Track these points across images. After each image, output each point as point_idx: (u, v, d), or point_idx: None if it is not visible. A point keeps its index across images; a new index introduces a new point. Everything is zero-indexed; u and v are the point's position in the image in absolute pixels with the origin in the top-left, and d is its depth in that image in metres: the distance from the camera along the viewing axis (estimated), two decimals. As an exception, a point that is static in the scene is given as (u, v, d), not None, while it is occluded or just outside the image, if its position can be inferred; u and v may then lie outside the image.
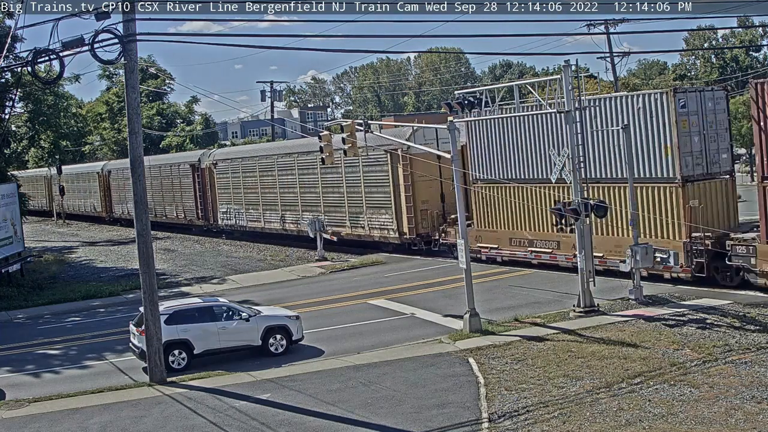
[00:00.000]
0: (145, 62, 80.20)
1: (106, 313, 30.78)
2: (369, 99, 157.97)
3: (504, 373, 18.29)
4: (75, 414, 17.83)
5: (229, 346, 21.87)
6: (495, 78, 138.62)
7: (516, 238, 31.84)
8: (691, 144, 25.69)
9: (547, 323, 22.64)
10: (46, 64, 30.06)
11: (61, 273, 41.83)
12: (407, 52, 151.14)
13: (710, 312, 22.38)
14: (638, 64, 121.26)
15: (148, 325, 19.94)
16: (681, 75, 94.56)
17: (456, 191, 23.82)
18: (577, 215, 23.38)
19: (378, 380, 18.53)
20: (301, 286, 33.69)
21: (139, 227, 20.05)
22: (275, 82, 72.47)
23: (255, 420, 16.45)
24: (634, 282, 24.37)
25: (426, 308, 26.32)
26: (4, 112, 41.62)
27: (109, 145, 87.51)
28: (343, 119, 46.53)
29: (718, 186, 26.40)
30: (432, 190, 36.34)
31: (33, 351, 25.07)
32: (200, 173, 52.84)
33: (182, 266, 41.33)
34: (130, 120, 20.00)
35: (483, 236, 33.09)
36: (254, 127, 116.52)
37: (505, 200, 31.92)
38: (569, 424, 14.80)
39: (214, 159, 52.46)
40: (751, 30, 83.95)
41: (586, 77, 38.84)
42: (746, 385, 16.04)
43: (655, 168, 26.33)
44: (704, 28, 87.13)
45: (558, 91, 23.73)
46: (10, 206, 36.53)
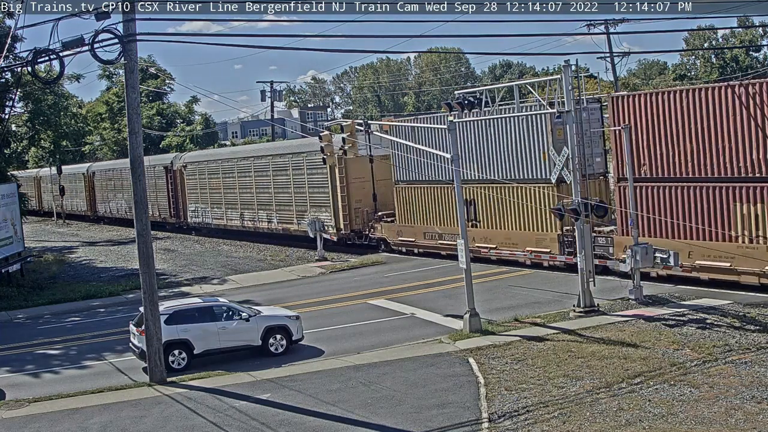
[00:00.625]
0: (145, 62, 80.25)
1: (106, 313, 30.79)
2: (369, 99, 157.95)
3: (504, 373, 18.30)
4: (75, 414, 17.83)
5: (229, 346, 21.86)
6: (495, 78, 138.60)
7: (429, 232, 36.30)
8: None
9: (547, 323, 22.65)
10: (46, 64, 30.12)
11: (61, 273, 41.85)
12: (407, 52, 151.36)
13: (710, 312, 22.38)
14: (638, 64, 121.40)
15: (148, 325, 19.94)
16: (681, 75, 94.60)
17: (456, 191, 23.83)
18: (577, 215, 23.41)
19: (378, 380, 18.53)
20: (301, 286, 33.70)
21: (139, 227, 20.05)
22: (275, 82, 72.59)
23: (255, 420, 16.45)
24: (634, 282, 24.38)
25: (426, 308, 26.32)
26: (4, 112, 41.62)
27: (109, 145, 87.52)
28: (343, 119, 48.11)
29: (592, 186, 29.56)
30: (365, 191, 40.43)
31: (33, 351, 25.08)
32: (172, 175, 56.38)
33: (182, 266, 41.34)
34: (130, 120, 19.99)
35: (403, 231, 37.93)
36: (254, 127, 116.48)
37: (420, 199, 36.71)
38: (569, 424, 14.80)
39: (184, 162, 56.14)
40: (751, 30, 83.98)
41: (586, 77, 38.91)
42: (746, 385, 16.04)
43: (535, 171, 30.96)
44: (704, 28, 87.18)
45: (558, 91, 23.74)
46: (10, 206, 36.54)
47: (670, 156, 26.32)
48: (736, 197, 24.46)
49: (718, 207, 24.98)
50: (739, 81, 25.64)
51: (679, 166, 26.13)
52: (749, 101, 23.91)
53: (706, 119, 25.11)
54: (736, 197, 24.48)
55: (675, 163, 26.25)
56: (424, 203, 36.53)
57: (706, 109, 25.08)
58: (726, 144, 24.67)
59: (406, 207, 37.75)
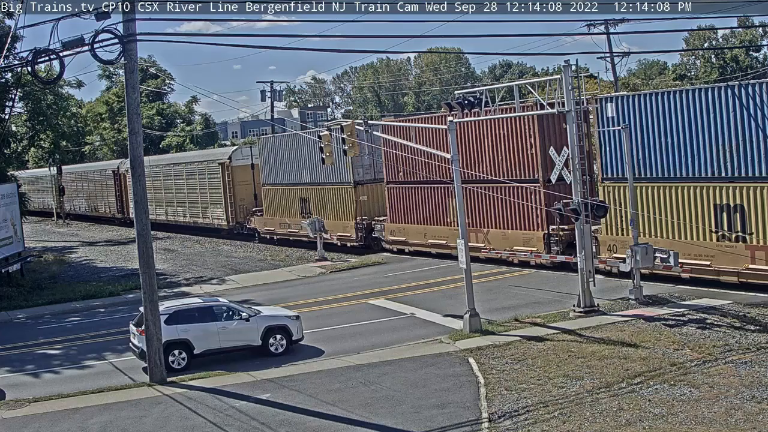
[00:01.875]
0: (145, 62, 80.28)
1: (106, 313, 30.79)
2: (369, 99, 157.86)
3: (504, 373, 18.30)
4: (75, 414, 17.83)
5: (229, 346, 21.87)
6: (495, 78, 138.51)
7: (282, 223, 46.53)
8: (362, 161, 39.56)
9: (547, 323, 22.65)
10: (46, 64, 30.10)
11: (61, 273, 41.86)
12: (407, 52, 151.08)
13: (710, 312, 22.38)
14: (638, 64, 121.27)
15: (148, 325, 19.94)
16: (681, 75, 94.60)
17: (456, 191, 23.82)
18: (577, 215, 23.41)
19: (378, 380, 18.53)
20: (302, 286, 33.70)
21: (139, 227, 20.04)
22: (275, 82, 72.54)
23: (255, 420, 16.45)
24: (634, 282, 24.38)
25: (426, 308, 26.32)
26: (3, 112, 41.60)
27: (109, 145, 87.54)
28: (343, 119, 50.92)
29: (380, 187, 39.95)
30: (248, 192, 51.59)
31: (33, 351, 25.08)
32: (119, 178, 66.96)
33: (182, 266, 41.35)
34: (130, 120, 19.99)
35: (267, 222, 48.26)
36: (254, 127, 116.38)
37: (280, 197, 47.00)
38: (569, 424, 14.80)
39: (126, 167, 63.63)
40: (751, 30, 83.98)
41: (586, 77, 38.91)
42: (746, 385, 16.04)
43: (341, 175, 41.14)
44: (704, 28, 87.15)
45: (558, 91, 23.74)
46: (10, 206, 36.54)
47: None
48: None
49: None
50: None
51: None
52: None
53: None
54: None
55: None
56: (282, 200, 46.79)
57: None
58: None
59: (269, 203, 48.17)
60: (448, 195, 34.43)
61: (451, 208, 33.68)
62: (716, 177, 25.03)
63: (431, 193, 36.44)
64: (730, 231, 24.58)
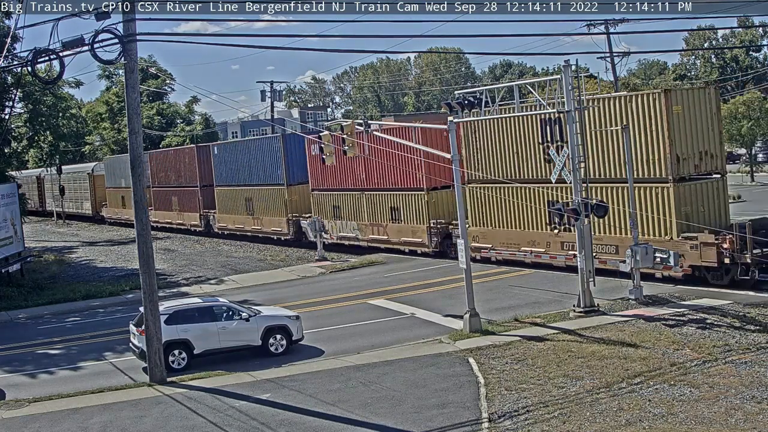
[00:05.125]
0: (146, 62, 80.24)
1: (106, 313, 30.79)
2: (369, 99, 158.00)
3: (504, 373, 18.29)
4: (75, 414, 17.83)
5: (229, 346, 21.87)
6: (495, 78, 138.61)
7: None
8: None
9: (547, 323, 22.64)
10: (46, 64, 30.10)
11: (61, 273, 41.83)
12: (407, 52, 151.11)
13: (710, 312, 22.38)
14: (638, 64, 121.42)
15: (148, 325, 19.94)
16: (681, 75, 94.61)
17: (456, 191, 23.84)
18: (577, 215, 23.40)
19: (378, 380, 18.53)
20: (302, 286, 33.69)
21: (139, 227, 20.04)
22: (275, 82, 72.53)
23: (255, 420, 16.45)
24: (634, 282, 24.37)
25: (426, 308, 26.32)
26: (3, 112, 41.59)
27: (109, 145, 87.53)
28: (343, 119, 49.89)
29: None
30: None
31: (33, 351, 25.07)
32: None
33: (182, 266, 41.34)
34: (130, 120, 19.99)
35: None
36: (254, 127, 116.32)
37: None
38: (569, 424, 14.80)
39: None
40: (751, 30, 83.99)
41: (586, 77, 38.90)
42: (746, 385, 16.05)
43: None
44: (704, 28, 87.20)
45: (558, 91, 23.73)
46: (10, 206, 36.52)
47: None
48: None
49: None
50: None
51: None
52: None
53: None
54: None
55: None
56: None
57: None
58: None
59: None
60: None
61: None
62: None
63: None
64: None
